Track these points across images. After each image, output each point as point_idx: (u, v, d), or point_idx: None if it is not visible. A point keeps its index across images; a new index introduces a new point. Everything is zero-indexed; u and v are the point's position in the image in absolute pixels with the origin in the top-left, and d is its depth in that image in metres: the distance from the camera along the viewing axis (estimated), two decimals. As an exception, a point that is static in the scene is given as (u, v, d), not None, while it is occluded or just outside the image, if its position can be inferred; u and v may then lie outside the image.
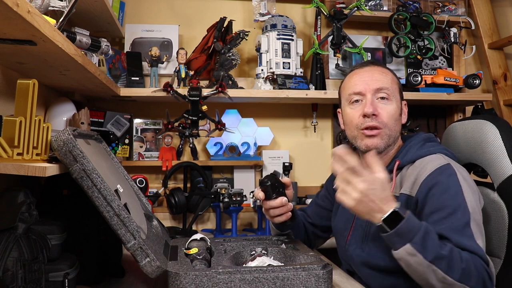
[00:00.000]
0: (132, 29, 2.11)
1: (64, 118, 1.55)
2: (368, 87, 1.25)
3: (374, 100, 1.25)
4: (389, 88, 1.26)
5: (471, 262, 1.00)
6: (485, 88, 2.40)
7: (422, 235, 0.99)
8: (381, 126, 1.23)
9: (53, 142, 0.94)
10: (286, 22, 2.06)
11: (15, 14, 0.76)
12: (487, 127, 1.33)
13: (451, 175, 1.13)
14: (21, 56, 1.08)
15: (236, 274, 0.92)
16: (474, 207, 1.10)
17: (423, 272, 0.99)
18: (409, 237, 0.99)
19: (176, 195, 1.90)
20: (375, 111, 1.22)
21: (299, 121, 2.31)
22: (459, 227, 1.05)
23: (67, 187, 1.17)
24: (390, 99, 1.25)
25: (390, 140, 1.25)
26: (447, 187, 1.11)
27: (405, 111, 1.33)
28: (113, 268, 1.21)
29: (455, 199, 1.09)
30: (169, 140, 2.07)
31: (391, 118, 1.24)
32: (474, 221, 1.07)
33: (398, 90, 1.30)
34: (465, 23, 2.29)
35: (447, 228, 1.05)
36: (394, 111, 1.25)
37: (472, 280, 0.98)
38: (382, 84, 1.25)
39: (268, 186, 1.21)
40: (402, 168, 1.24)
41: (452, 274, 0.98)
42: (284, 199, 1.22)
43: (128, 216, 0.95)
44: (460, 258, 0.99)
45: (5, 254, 0.84)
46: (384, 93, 1.25)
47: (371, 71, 1.28)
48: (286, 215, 1.25)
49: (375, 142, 1.23)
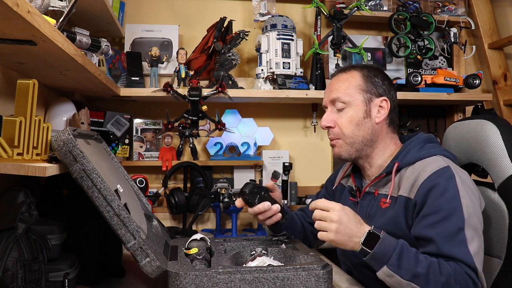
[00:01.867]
0: (132, 29, 2.11)
1: (64, 118, 1.55)
2: (326, 100, 1.32)
3: (331, 112, 1.30)
4: (342, 95, 1.27)
5: (452, 275, 1.01)
6: (485, 88, 2.40)
7: (398, 256, 1.02)
8: (337, 136, 1.28)
9: (53, 142, 0.94)
10: (286, 22, 2.06)
11: (15, 14, 0.76)
12: (487, 127, 1.33)
13: (450, 177, 1.13)
14: (21, 56, 1.08)
15: (236, 274, 0.92)
16: (471, 211, 1.10)
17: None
18: (384, 260, 1.03)
19: (176, 195, 1.90)
20: (327, 124, 1.29)
21: (299, 121, 2.31)
22: (452, 233, 1.06)
23: (67, 187, 1.17)
24: (348, 106, 1.27)
25: (354, 146, 1.27)
26: (445, 190, 1.11)
27: (384, 106, 1.27)
28: (113, 268, 1.20)
29: (451, 203, 1.09)
30: (169, 140, 2.07)
31: (348, 125, 1.26)
32: (470, 226, 1.07)
33: (358, 92, 1.26)
34: (465, 23, 2.29)
35: (438, 233, 1.07)
36: (352, 117, 1.26)
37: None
38: (336, 94, 1.28)
39: (247, 194, 1.22)
40: (401, 169, 1.23)
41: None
42: (267, 203, 1.22)
43: (128, 216, 0.95)
44: (439, 272, 1.01)
45: (5, 254, 0.84)
46: (339, 102, 1.28)
47: (332, 82, 1.33)
48: (275, 217, 1.25)
49: (336, 151, 1.31)
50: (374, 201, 1.26)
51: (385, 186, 1.24)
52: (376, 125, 1.27)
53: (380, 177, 1.25)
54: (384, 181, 1.25)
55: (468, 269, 1.03)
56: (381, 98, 1.28)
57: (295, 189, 2.17)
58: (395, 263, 1.02)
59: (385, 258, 1.02)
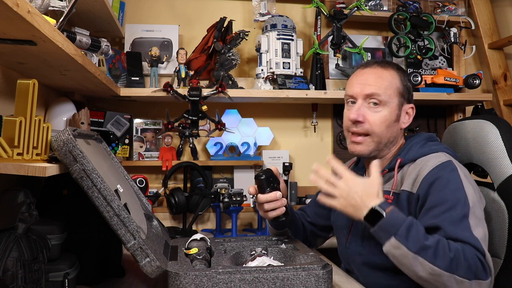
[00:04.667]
0: (132, 29, 2.11)
1: (64, 118, 1.55)
2: (360, 92, 1.25)
3: (363, 106, 1.24)
4: (382, 94, 1.23)
5: (461, 252, 0.99)
6: (485, 88, 2.40)
7: (406, 228, 1.01)
8: (366, 132, 1.24)
9: (53, 142, 0.94)
10: (286, 22, 2.06)
11: (15, 14, 0.76)
12: (487, 127, 1.33)
13: (453, 170, 1.14)
14: (21, 56, 1.08)
15: (236, 274, 0.92)
16: (475, 201, 1.10)
17: (410, 264, 1.01)
18: (393, 231, 1.02)
19: (176, 195, 1.90)
20: (359, 118, 1.23)
21: (299, 121, 2.31)
22: (457, 219, 1.05)
23: (67, 187, 1.17)
24: (382, 105, 1.23)
25: (380, 145, 1.26)
26: (448, 181, 1.11)
27: (410, 114, 1.30)
28: (113, 268, 1.21)
29: (456, 194, 1.09)
30: (169, 140, 2.07)
31: (380, 125, 1.23)
32: (474, 214, 1.07)
33: (396, 95, 1.25)
34: (465, 23, 2.29)
35: (444, 220, 1.06)
36: (385, 118, 1.23)
37: (461, 270, 0.98)
38: (375, 90, 1.23)
39: (263, 179, 1.23)
40: (404, 166, 1.24)
41: (439, 264, 0.98)
42: (278, 193, 1.23)
43: (128, 216, 0.95)
44: (448, 247, 0.99)
45: (5, 254, 0.84)
46: (375, 99, 1.23)
47: (369, 74, 1.27)
48: (280, 210, 1.25)
49: (358, 149, 1.26)
50: None
51: (388, 183, 1.25)
52: (400, 130, 1.29)
53: (382, 173, 1.25)
54: (387, 178, 1.26)
55: (476, 251, 1.01)
56: (410, 105, 1.30)
57: (295, 189, 2.17)
58: (403, 234, 1.01)
59: (393, 229, 1.02)
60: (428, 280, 1.00)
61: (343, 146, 2.30)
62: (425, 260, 0.99)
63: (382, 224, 1.03)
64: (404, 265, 1.03)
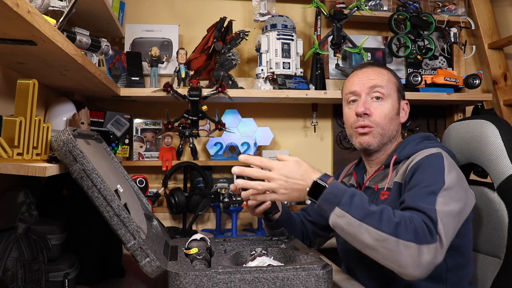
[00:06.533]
0: (132, 29, 2.12)
1: (64, 118, 1.55)
2: (363, 87, 1.30)
3: (367, 100, 1.29)
4: (384, 87, 1.29)
5: (407, 218, 0.98)
6: (485, 88, 2.40)
7: (350, 197, 1.01)
8: (372, 124, 1.27)
9: (53, 142, 0.94)
10: (286, 22, 2.06)
11: (15, 14, 0.76)
12: (487, 127, 1.33)
13: (438, 157, 1.15)
14: (21, 56, 1.08)
15: (236, 274, 0.92)
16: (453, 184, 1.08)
17: (356, 232, 0.99)
18: (336, 200, 1.01)
19: (176, 195, 1.90)
20: (366, 111, 1.27)
21: (299, 121, 2.31)
22: (423, 194, 1.05)
23: (67, 187, 1.17)
24: (385, 99, 1.29)
25: (383, 138, 1.29)
26: (429, 166, 1.13)
27: (406, 110, 1.36)
28: (113, 268, 1.20)
29: (434, 177, 1.09)
30: (169, 140, 2.07)
31: (384, 117, 1.27)
32: (448, 195, 1.05)
33: (395, 90, 1.32)
34: (465, 23, 2.29)
35: (410, 195, 1.06)
36: (388, 110, 1.28)
37: (408, 234, 0.95)
38: (377, 82, 1.29)
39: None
40: (399, 163, 1.26)
41: (384, 228, 0.96)
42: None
43: (128, 216, 0.95)
44: (393, 213, 0.99)
45: (5, 254, 0.84)
46: (378, 92, 1.28)
47: (368, 72, 1.32)
48: (265, 205, 1.24)
49: (366, 139, 1.28)
50: (375, 195, 1.27)
51: (384, 180, 1.27)
52: (399, 124, 1.34)
53: (379, 170, 1.28)
54: (383, 175, 1.28)
55: (426, 218, 0.99)
56: (405, 101, 1.36)
57: (295, 189, 2.16)
58: (347, 203, 1.00)
59: (336, 199, 1.01)
60: (376, 247, 0.98)
61: (343, 146, 2.30)
62: (370, 226, 0.97)
63: (325, 195, 1.02)
64: (350, 234, 1.01)
